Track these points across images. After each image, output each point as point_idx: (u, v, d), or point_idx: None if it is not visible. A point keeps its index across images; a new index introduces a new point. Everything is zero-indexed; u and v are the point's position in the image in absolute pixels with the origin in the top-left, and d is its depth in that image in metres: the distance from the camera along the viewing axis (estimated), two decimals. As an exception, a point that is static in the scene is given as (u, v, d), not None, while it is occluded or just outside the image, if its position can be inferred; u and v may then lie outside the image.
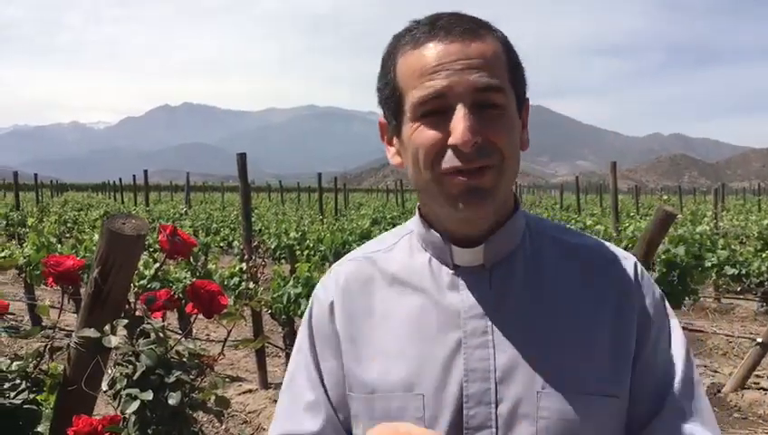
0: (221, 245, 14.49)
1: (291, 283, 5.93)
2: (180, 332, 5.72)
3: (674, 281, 6.18)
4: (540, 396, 1.09)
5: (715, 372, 6.87)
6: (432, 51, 1.08)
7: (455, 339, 1.13)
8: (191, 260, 6.27)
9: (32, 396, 1.72)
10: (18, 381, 1.72)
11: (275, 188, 46.05)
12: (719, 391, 6.15)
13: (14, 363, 1.74)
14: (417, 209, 1.25)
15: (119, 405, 1.64)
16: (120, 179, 36.46)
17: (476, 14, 1.15)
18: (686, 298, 6.46)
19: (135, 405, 1.56)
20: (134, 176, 22.35)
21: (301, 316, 5.90)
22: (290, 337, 6.34)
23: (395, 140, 1.19)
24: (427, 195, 1.14)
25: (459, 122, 1.04)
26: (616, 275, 1.18)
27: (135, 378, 1.60)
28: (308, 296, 5.74)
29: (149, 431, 1.60)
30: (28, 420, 1.71)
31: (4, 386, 1.69)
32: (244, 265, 5.97)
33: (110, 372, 1.71)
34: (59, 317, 1.87)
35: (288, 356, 6.28)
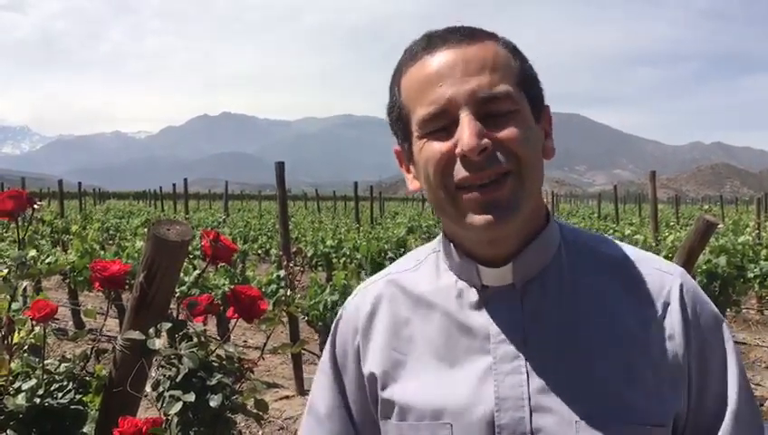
0: (258, 252, 14.65)
1: (327, 290, 5.98)
2: (219, 337, 5.80)
3: (715, 292, 6.07)
4: (579, 426, 1.00)
5: (758, 385, 6.72)
6: (431, 63, 1.03)
7: (484, 365, 1.06)
8: (230, 267, 6.36)
9: (78, 397, 1.77)
10: (65, 383, 1.78)
11: (311, 197, 46.35)
12: (762, 405, 6.02)
13: (62, 365, 1.80)
14: (442, 230, 1.19)
15: (162, 407, 1.68)
16: (161, 188, 37.06)
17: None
18: (728, 310, 6.34)
19: (178, 406, 1.60)
20: (174, 184, 22.73)
21: (337, 324, 5.93)
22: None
23: (411, 167, 1.13)
24: (446, 217, 1.08)
25: (464, 129, 0.97)
26: (661, 293, 1.08)
27: (178, 380, 1.63)
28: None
29: (191, 433, 1.64)
30: (75, 420, 1.76)
31: (52, 387, 1.75)
32: (281, 272, 6.04)
33: (153, 374, 1.75)
34: (105, 321, 1.93)
35: (324, 363, 6.31)
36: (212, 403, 1.62)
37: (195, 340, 1.76)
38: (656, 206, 9.24)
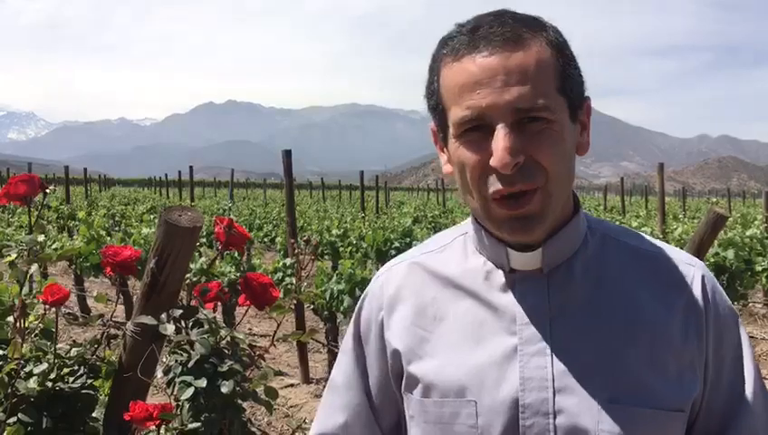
0: (264, 241, 14.66)
1: (334, 279, 5.98)
2: (224, 325, 5.81)
3: (723, 285, 6.05)
4: (602, 408, 1.03)
5: (765, 378, 6.71)
6: (472, 66, 1.01)
7: (510, 345, 1.09)
8: (236, 255, 6.37)
9: (89, 382, 1.78)
10: (76, 367, 1.78)
11: (317, 186, 46.38)
12: None
13: (73, 350, 1.80)
14: (471, 212, 1.19)
15: (173, 392, 1.69)
16: (166, 175, 37.09)
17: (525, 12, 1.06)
18: (735, 303, 6.33)
19: (189, 392, 1.60)
20: (179, 172, 22.76)
21: (343, 312, 5.94)
22: (332, 333, 6.40)
23: (446, 149, 1.14)
24: (478, 217, 1.12)
25: (499, 144, 0.98)
26: (684, 282, 1.11)
27: (189, 366, 1.63)
28: (350, 293, 5.78)
29: (202, 419, 1.64)
30: (86, 404, 1.76)
31: (63, 371, 1.75)
32: (287, 261, 6.04)
33: (164, 360, 1.75)
34: (116, 307, 1.93)
35: (329, 352, 6.33)
36: (223, 389, 1.62)
37: (206, 326, 1.76)
38: (663, 198, 9.21)
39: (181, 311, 1.73)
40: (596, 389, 1.04)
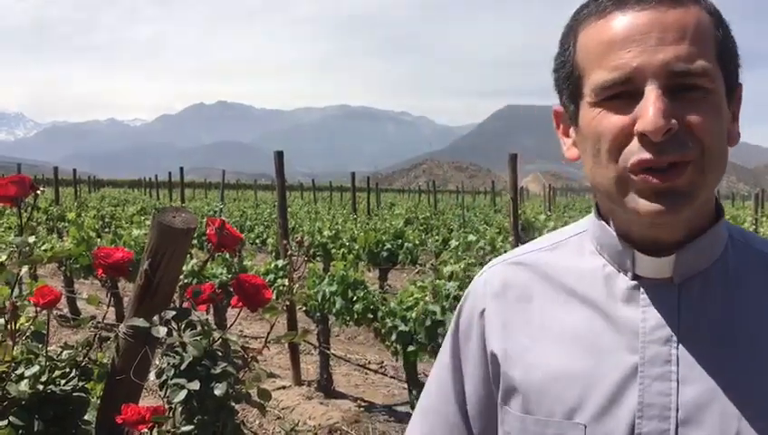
0: (255, 242, 14.63)
1: (326, 280, 5.96)
2: (216, 327, 5.79)
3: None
4: None
5: None
6: (621, 22, 0.89)
7: (629, 365, 0.94)
8: (228, 257, 6.35)
9: (81, 384, 1.76)
10: (68, 370, 1.77)
11: (308, 187, 46.32)
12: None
13: (65, 352, 1.79)
14: (594, 206, 1.06)
15: (165, 395, 1.68)
16: (156, 176, 36.94)
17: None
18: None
19: (182, 395, 1.59)
20: (170, 173, 22.68)
21: (335, 314, 5.93)
22: (323, 334, 6.38)
23: (571, 131, 1.02)
24: (607, 196, 0.95)
25: (649, 105, 0.85)
26: None
27: (182, 368, 1.63)
28: (342, 294, 5.77)
29: (195, 421, 1.63)
30: (77, 407, 1.75)
31: (55, 374, 1.74)
32: (279, 262, 6.03)
33: (157, 362, 1.74)
34: (108, 308, 1.91)
35: (321, 354, 6.31)
36: (217, 392, 1.61)
37: (198, 328, 1.75)
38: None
39: (174, 313, 1.72)
40: (726, 425, 0.89)
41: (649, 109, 0.84)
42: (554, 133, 1.06)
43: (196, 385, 1.60)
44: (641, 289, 0.97)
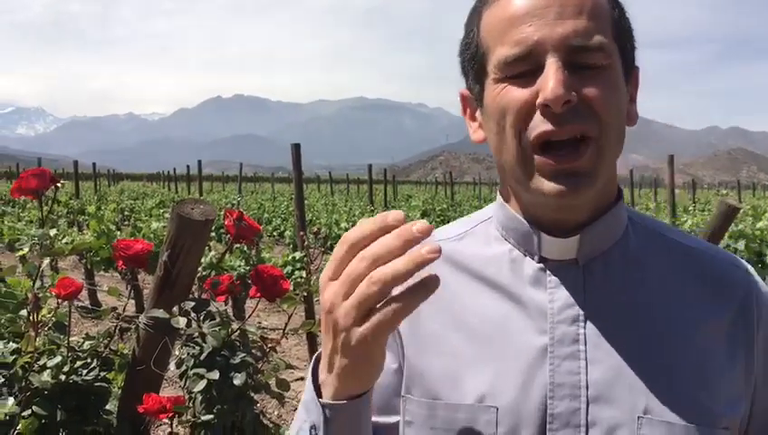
0: (273, 234, 14.69)
1: (343, 272, 5.96)
2: (234, 318, 5.82)
3: (733, 277, 6.04)
4: (642, 423, 0.90)
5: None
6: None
7: (539, 346, 0.95)
8: (246, 249, 6.38)
9: (102, 374, 1.79)
10: (89, 360, 1.79)
11: (324, 180, 46.40)
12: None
13: (86, 343, 1.81)
14: (498, 193, 1.07)
15: (185, 385, 1.69)
16: (174, 169, 37.14)
17: None
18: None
19: (202, 384, 1.61)
20: (188, 166, 22.80)
21: (352, 305, 5.94)
22: (341, 326, 6.39)
23: (478, 113, 1.01)
24: (511, 176, 0.96)
25: (549, 76, 0.86)
26: (733, 285, 0.99)
27: (202, 358, 1.64)
28: (359, 286, 5.77)
29: (214, 411, 1.65)
30: (99, 397, 1.77)
31: (77, 364, 1.76)
32: (297, 254, 6.05)
33: (177, 353, 1.76)
34: (128, 300, 1.93)
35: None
36: (236, 381, 1.63)
37: (217, 319, 1.76)
38: (673, 191, 9.17)
39: (193, 304, 1.74)
40: (635, 401, 0.91)
41: (549, 80, 0.86)
42: None
43: (215, 375, 1.62)
44: (547, 271, 0.98)
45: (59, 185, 1.85)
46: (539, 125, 0.88)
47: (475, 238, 1.08)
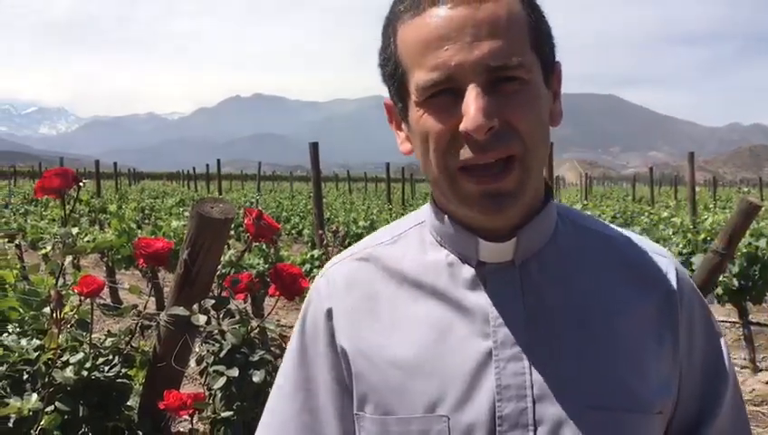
0: (291, 233, 14.75)
1: (361, 270, 5.98)
2: (253, 316, 5.86)
3: (755, 275, 5.96)
4: (584, 416, 0.93)
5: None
6: (435, 20, 0.89)
7: (483, 350, 0.95)
8: (264, 247, 6.41)
9: (124, 371, 1.81)
10: (111, 357, 1.82)
11: (342, 178, 46.49)
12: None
13: (108, 340, 1.84)
14: (430, 197, 1.06)
15: (205, 381, 1.71)
16: (194, 169, 37.40)
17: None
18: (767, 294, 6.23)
19: (222, 381, 1.63)
20: (207, 165, 22.97)
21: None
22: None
23: (403, 125, 1.01)
24: (442, 193, 0.97)
25: (470, 104, 0.86)
26: (658, 275, 1.02)
27: (221, 356, 1.66)
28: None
29: (234, 407, 1.67)
30: (121, 393, 1.80)
31: (99, 361, 1.78)
32: (315, 253, 6.07)
33: (197, 350, 1.78)
34: (149, 297, 1.96)
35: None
36: (255, 378, 1.64)
37: (237, 317, 1.78)
38: (694, 188, 9.10)
39: (213, 301, 1.76)
40: (577, 395, 0.93)
41: (471, 108, 0.86)
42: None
43: (234, 372, 1.63)
44: (486, 275, 0.98)
45: (81, 184, 1.87)
46: (464, 152, 0.89)
47: (409, 242, 1.07)
